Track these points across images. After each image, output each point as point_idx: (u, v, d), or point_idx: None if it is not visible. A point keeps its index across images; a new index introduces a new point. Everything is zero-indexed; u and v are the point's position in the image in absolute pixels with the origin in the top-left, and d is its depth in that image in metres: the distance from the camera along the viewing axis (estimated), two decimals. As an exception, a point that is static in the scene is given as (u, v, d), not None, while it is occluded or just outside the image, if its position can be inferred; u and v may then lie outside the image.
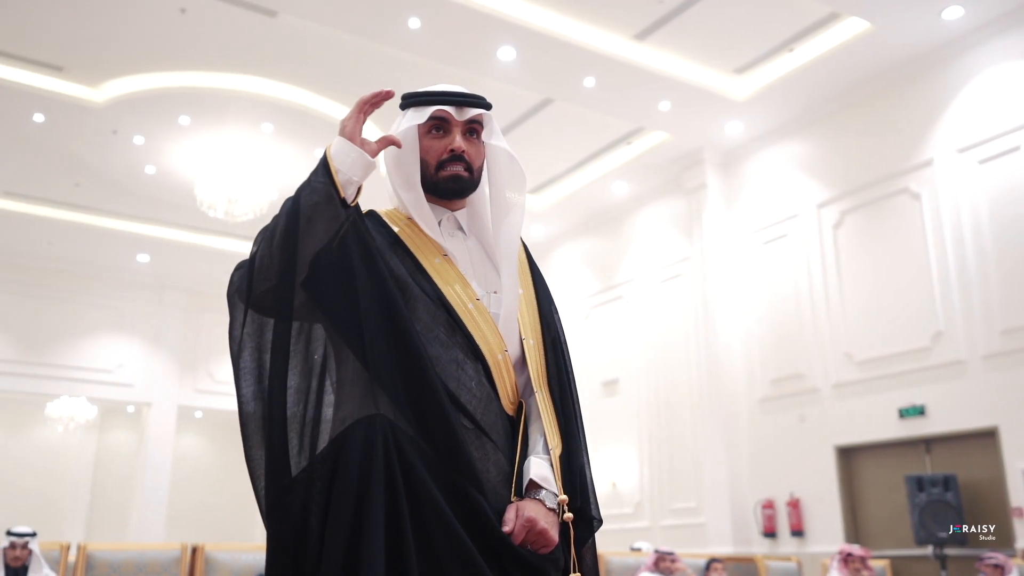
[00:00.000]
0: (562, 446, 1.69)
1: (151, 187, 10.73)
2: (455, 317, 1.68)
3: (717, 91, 8.87)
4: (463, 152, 1.76)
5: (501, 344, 1.71)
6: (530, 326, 1.79)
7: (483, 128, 1.80)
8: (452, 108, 1.77)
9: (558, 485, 1.64)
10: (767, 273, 9.40)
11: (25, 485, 14.74)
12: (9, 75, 8.56)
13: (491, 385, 1.69)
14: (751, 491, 9.19)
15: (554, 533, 1.60)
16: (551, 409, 1.73)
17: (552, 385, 1.76)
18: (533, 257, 1.95)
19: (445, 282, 1.71)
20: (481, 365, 1.68)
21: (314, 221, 1.55)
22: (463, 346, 1.67)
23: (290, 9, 7.50)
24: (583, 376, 11.54)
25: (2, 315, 12.70)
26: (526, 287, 1.85)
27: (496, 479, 1.63)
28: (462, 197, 1.81)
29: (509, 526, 1.57)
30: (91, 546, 5.10)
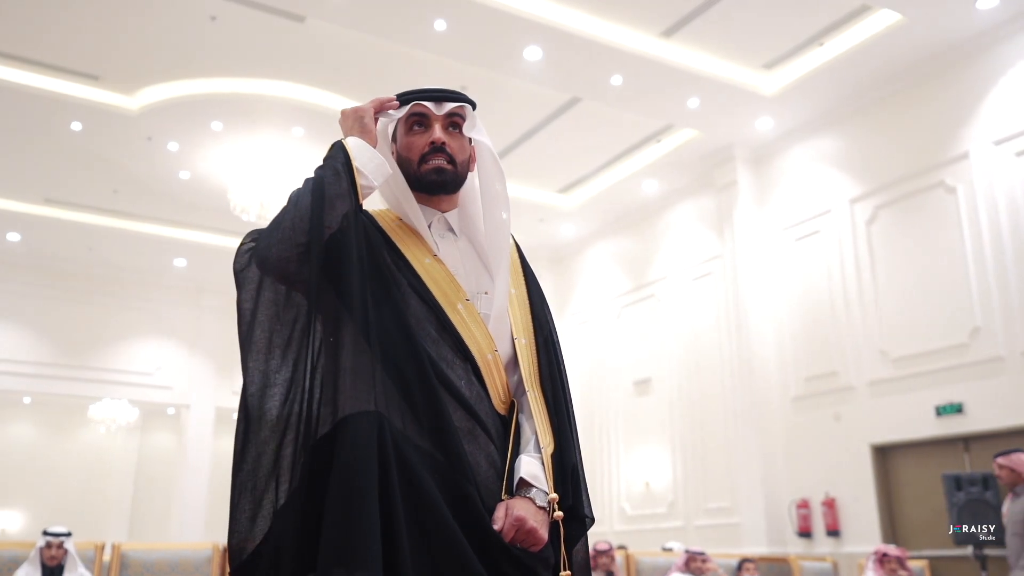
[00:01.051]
0: (554, 445, 1.69)
1: (186, 192, 10.89)
2: (443, 318, 1.68)
3: (746, 87, 8.79)
4: (443, 144, 1.77)
5: (491, 344, 1.71)
6: (522, 326, 1.80)
7: (464, 122, 1.81)
8: (431, 103, 1.79)
9: (549, 483, 1.64)
10: (800, 270, 9.29)
11: (69, 486, 15.06)
12: (47, 85, 8.74)
13: (481, 385, 1.69)
14: (786, 491, 9.09)
15: (543, 531, 1.59)
16: (543, 408, 1.73)
17: (544, 384, 1.76)
18: (526, 256, 1.96)
19: (434, 283, 1.71)
20: (470, 365, 1.68)
21: (335, 207, 1.58)
22: (452, 346, 1.67)
23: (318, 14, 7.57)
24: (616, 375, 11.51)
25: (46, 320, 12.99)
26: (518, 286, 1.86)
27: (488, 475, 1.63)
28: (446, 192, 1.81)
29: (498, 524, 1.57)
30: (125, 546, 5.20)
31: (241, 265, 1.59)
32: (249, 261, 1.59)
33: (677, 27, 8.06)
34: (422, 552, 1.46)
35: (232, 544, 1.49)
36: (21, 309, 12.88)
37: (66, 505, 14.61)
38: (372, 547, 1.38)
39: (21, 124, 9.31)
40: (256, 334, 1.57)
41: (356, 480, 1.43)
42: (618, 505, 11.24)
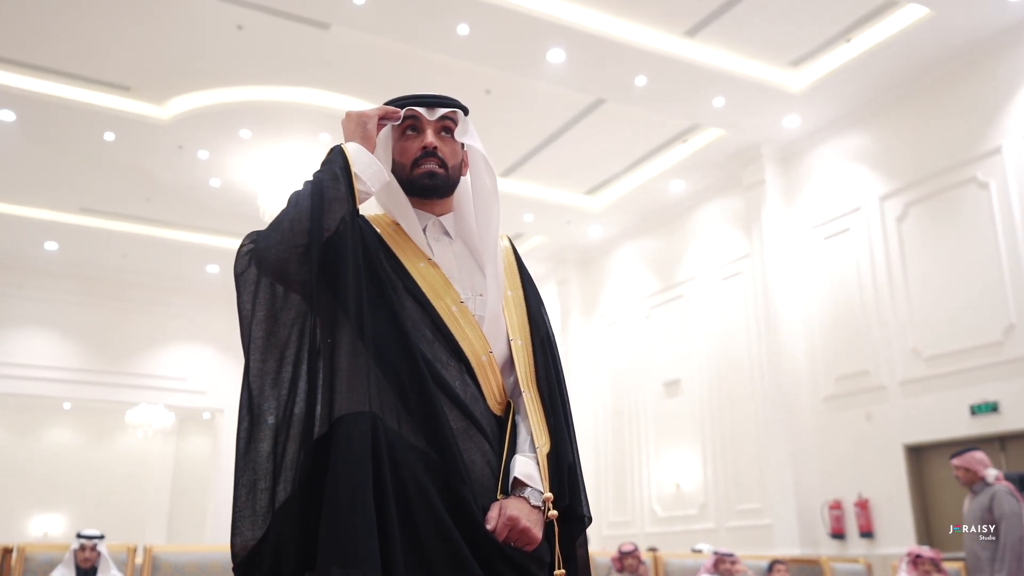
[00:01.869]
0: (550, 445, 1.70)
1: (217, 199, 11.05)
2: (438, 320, 1.70)
3: (772, 85, 8.72)
4: (435, 148, 1.79)
5: (485, 346, 1.73)
6: (518, 327, 1.81)
7: (456, 127, 1.83)
8: (423, 109, 1.81)
9: (544, 483, 1.65)
10: (829, 269, 9.19)
11: (109, 490, 15.34)
12: (81, 96, 8.92)
13: (476, 385, 1.70)
14: (817, 492, 8.99)
15: (537, 531, 1.60)
16: (539, 408, 1.74)
17: (540, 385, 1.77)
18: (521, 258, 1.97)
19: (429, 286, 1.73)
20: (465, 366, 1.70)
21: (333, 209, 1.61)
22: (446, 348, 1.69)
23: (342, 21, 7.65)
24: (645, 377, 11.47)
25: (83, 327, 13.24)
26: (514, 288, 1.87)
27: (484, 475, 1.65)
28: (439, 195, 1.83)
29: (492, 524, 1.58)
30: (156, 548, 5.28)
31: (241, 268, 1.62)
32: (248, 263, 1.61)
33: (701, 26, 8.03)
34: (416, 551, 1.48)
35: (234, 542, 1.52)
36: (60, 317, 13.15)
37: (106, 508, 14.88)
38: (369, 546, 1.40)
39: (57, 135, 9.51)
40: (255, 335, 1.59)
41: (351, 480, 1.45)
42: (649, 507, 11.19)
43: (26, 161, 10.18)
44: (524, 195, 11.11)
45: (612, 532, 11.48)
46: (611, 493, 11.90)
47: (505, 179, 10.90)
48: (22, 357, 12.84)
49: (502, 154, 10.34)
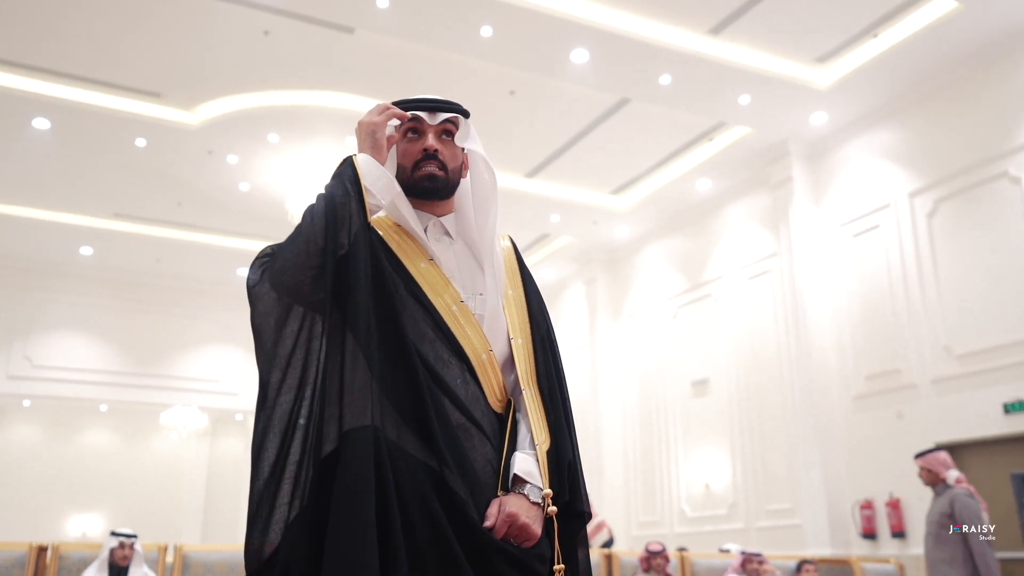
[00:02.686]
0: (550, 441, 1.72)
1: (246, 203, 11.19)
2: (439, 320, 1.73)
3: (799, 82, 8.65)
4: (436, 151, 1.83)
5: (485, 344, 1.76)
6: (519, 325, 1.84)
7: (457, 131, 1.87)
8: (425, 113, 1.85)
9: (544, 479, 1.67)
10: (858, 266, 9.10)
11: (145, 490, 15.56)
12: (113, 104, 9.08)
13: (477, 384, 1.73)
14: (848, 491, 8.91)
15: (536, 527, 1.62)
16: (539, 406, 1.76)
17: (541, 382, 1.79)
18: (522, 257, 2.00)
19: (429, 286, 1.76)
20: (466, 365, 1.73)
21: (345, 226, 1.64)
22: (447, 347, 1.72)
23: (366, 25, 7.71)
24: (673, 376, 11.43)
25: (118, 330, 13.47)
26: (515, 287, 1.90)
27: (485, 473, 1.67)
28: (440, 197, 1.86)
29: (490, 521, 1.60)
30: (186, 547, 5.37)
31: (253, 282, 1.66)
32: (261, 277, 1.65)
33: (725, 24, 7.99)
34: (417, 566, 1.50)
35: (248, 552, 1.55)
36: (95, 320, 13.39)
37: (142, 508, 15.10)
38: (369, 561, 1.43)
39: (90, 142, 9.69)
40: (268, 349, 1.63)
41: (354, 496, 1.49)
42: (678, 507, 11.15)
43: (61, 168, 10.39)
44: (550, 195, 11.12)
45: (641, 532, 11.45)
46: (640, 493, 11.87)
47: (531, 180, 10.93)
48: (60, 360, 13.10)
49: (527, 155, 10.36)
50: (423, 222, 1.86)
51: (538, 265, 13.56)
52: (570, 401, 1.86)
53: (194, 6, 7.62)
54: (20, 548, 5.30)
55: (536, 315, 1.88)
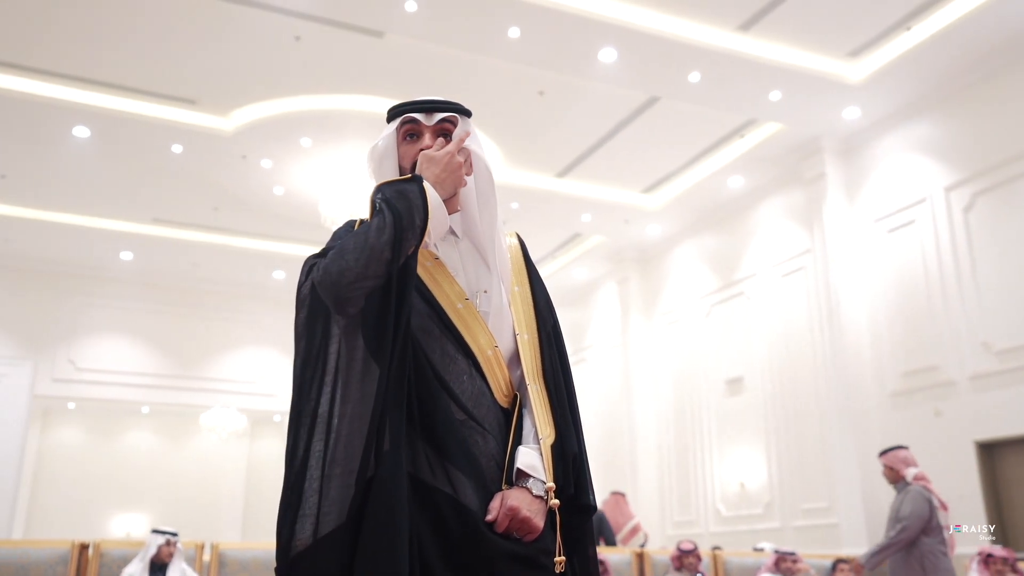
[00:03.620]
0: (555, 435, 1.74)
1: (281, 207, 11.34)
2: (445, 318, 1.76)
3: (830, 76, 8.57)
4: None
5: (491, 341, 1.79)
6: (524, 322, 1.87)
7: (455, 129, 1.87)
8: (421, 114, 1.87)
9: (548, 473, 1.69)
10: (894, 262, 8.99)
11: (186, 490, 15.82)
12: (150, 111, 9.27)
13: (483, 380, 1.76)
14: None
15: (538, 520, 1.65)
16: (545, 400, 1.79)
17: (547, 378, 1.82)
18: (529, 253, 2.02)
19: (436, 284, 1.79)
20: (471, 361, 1.76)
21: (403, 256, 1.64)
22: (454, 344, 1.76)
23: (395, 29, 7.79)
24: (707, 375, 11.37)
25: (159, 333, 13.73)
26: (521, 284, 1.93)
27: (488, 470, 1.70)
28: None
29: (492, 514, 1.63)
30: (223, 545, 5.48)
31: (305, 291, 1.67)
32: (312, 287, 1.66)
33: (755, 20, 7.94)
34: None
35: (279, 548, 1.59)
36: (136, 324, 13.65)
37: (183, 508, 15.35)
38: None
39: (129, 149, 9.89)
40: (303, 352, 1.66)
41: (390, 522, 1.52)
42: (713, 506, 11.09)
43: (101, 175, 10.61)
44: (581, 195, 11.13)
45: (677, 532, 11.41)
46: (675, 493, 11.82)
47: (561, 179, 10.94)
48: (103, 363, 13.37)
49: (558, 155, 10.38)
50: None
51: (570, 265, 13.56)
52: (576, 396, 1.88)
53: (228, 14, 7.75)
54: (63, 546, 5.44)
55: (542, 311, 1.91)
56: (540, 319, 1.89)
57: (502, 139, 10.00)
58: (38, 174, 10.59)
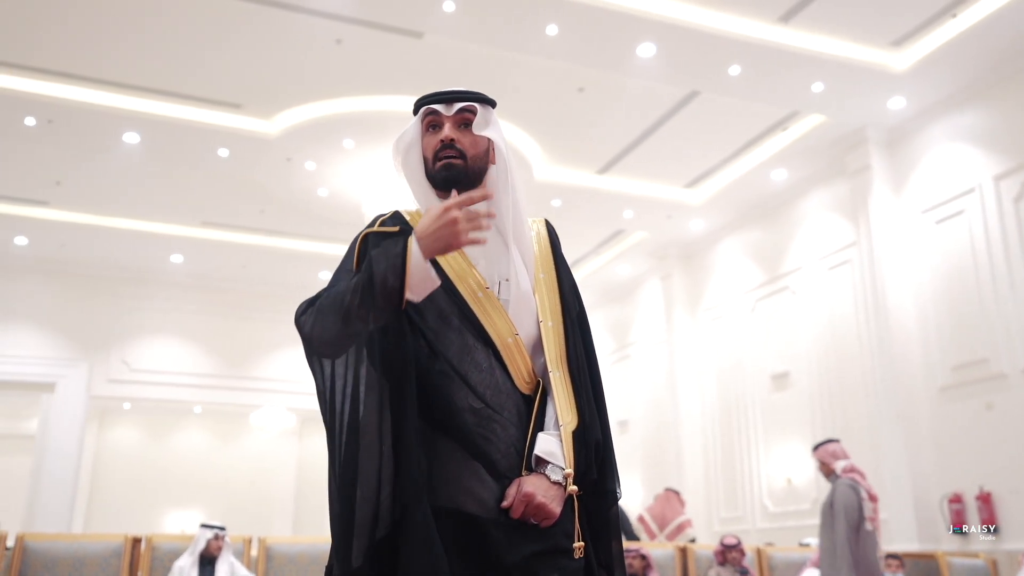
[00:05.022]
0: (577, 422, 1.74)
1: (325, 208, 11.50)
2: (465, 308, 1.79)
3: (874, 66, 8.45)
4: (451, 140, 1.86)
5: (511, 329, 1.80)
6: (549, 308, 1.87)
7: (474, 118, 1.89)
8: (441, 105, 1.90)
9: (567, 459, 1.70)
10: (942, 254, 8.82)
11: (238, 488, 16.16)
12: (196, 116, 9.47)
13: (503, 368, 1.78)
14: (936, 485, 8.65)
15: (554, 506, 1.66)
16: (568, 387, 1.79)
17: (571, 364, 1.82)
18: (558, 240, 2.02)
19: (456, 274, 1.82)
20: (491, 349, 1.78)
21: (382, 319, 1.71)
22: (473, 333, 1.78)
23: (434, 29, 7.87)
24: (752, 370, 11.28)
25: (209, 334, 14.02)
26: (547, 271, 1.93)
27: (508, 457, 1.72)
28: (462, 186, 1.85)
29: (508, 500, 1.66)
30: (270, 539, 5.60)
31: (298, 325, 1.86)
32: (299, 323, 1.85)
33: (795, 11, 7.86)
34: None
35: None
36: (188, 325, 13.95)
37: (235, 505, 15.67)
38: None
39: (177, 154, 10.13)
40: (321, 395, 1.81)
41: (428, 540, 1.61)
42: (760, 502, 10.99)
43: (151, 180, 10.87)
44: (623, 191, 11.10)
45: (723, 528, 11.33)
46: (721, 489, 11.74)
47: (602, 176, 10.93)
48: (156, 364, 13.69)
49: (598, 151, 10.38)
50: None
51: (613, 262, 13.54)
52: (602, 383, 1.89)
53: (270, 19, 7.90)
54: (116, 539, 5.62)
55: (567, 298, 1.90)
56: (565, 306, 1.89)
57: (542, 137, 10.03)
58: (91, 180, 10.89)
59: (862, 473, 5.98)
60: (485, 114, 1.91)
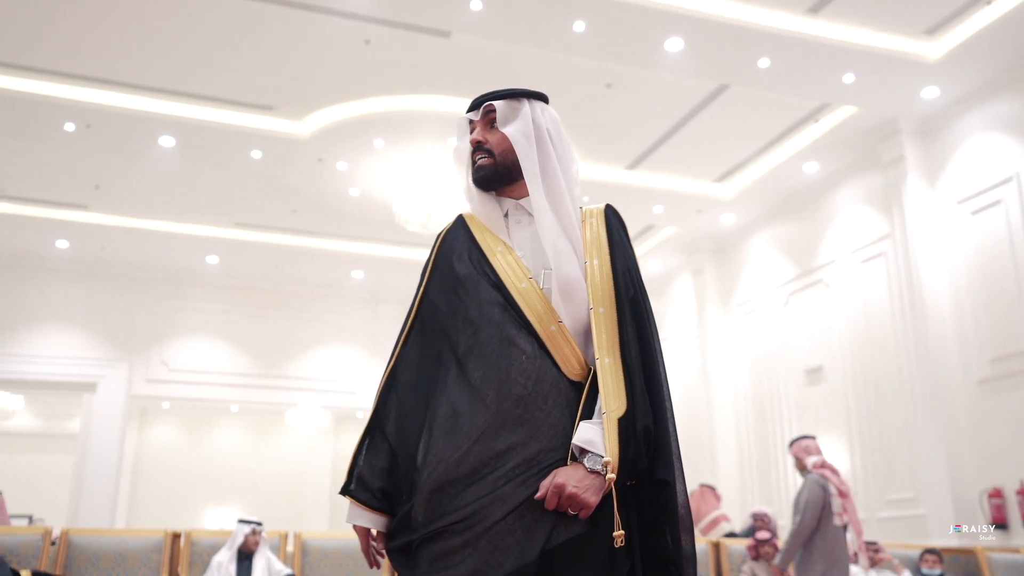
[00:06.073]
0: (625, 408, 1.72)
1: (357, 207, 11.60)
2: (508, 298, 1.83)
3: (907, 56, 8.34)
4: (479, 143, 1.98)
5: (553, 317, 1.82)
6: (601, 295, 1.86)
7: (496, 115, 1.99)
8: (471, 112, 2.02)
9: (611, 447, 1.67)
10: (979, 244, 8.69)
11: (274, 486, 16.35)
12: (229, 119, 9.61)
13: (548, 357, 1.80)
14: (975, 480, 8.53)
15: (589, 496, 1.64)
16: (617, 373, 1.77)
17: (624, 349, 1.80)
18: (617, 224, 2.02)
19: (502, 268, 1.88)
20: (534, 339, 1.80)
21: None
22: (516, 323, 1.81)
23: (461, 28, 7.91)
24: (786, 365, 11.19)
25: (244, 334, 14.20)
26: (601, 257, 1.92)
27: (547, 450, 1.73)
28: (501, 182, 1.99)
29: (541, 492, 1.65)
30: (305, 534, 5.68)
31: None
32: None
33: (825, 1, 7.78)
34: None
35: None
36: (223, 325, 14.15)
37: (272, 502, 15.86)
38: None
39: (211, 156, 10.28)
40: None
41: None
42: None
43: (186, 182, 11.05)
44: (652, 187, 11.07)
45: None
46: (756, 484, 11.67)
47: (632, 171, 10.91)
48: (193, 364, 13.90)
49: (627, 147, 10.36)
50: (505, 207, 2.00)
51: (644, 257, 13.49)
52: (661, 368, 1.86)
53: (299, 22, 7.99)
54: (157, 535, 5.74)
55: (620, 282, 1.89)
56: (618, 290, 1.87)
57: (571, 133, 9.86)
58: (128, 184, 11.10)
59: (833, 470, 6.12)
60: (506, 109, 1.99)
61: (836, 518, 5.78)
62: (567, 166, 2.04)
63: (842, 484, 5.93)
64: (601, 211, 2.04)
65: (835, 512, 5.80)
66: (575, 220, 1.96)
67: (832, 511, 5.80)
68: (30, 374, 13.10)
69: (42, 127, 9.49)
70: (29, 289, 13.17)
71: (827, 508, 5.80)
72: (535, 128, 1.98)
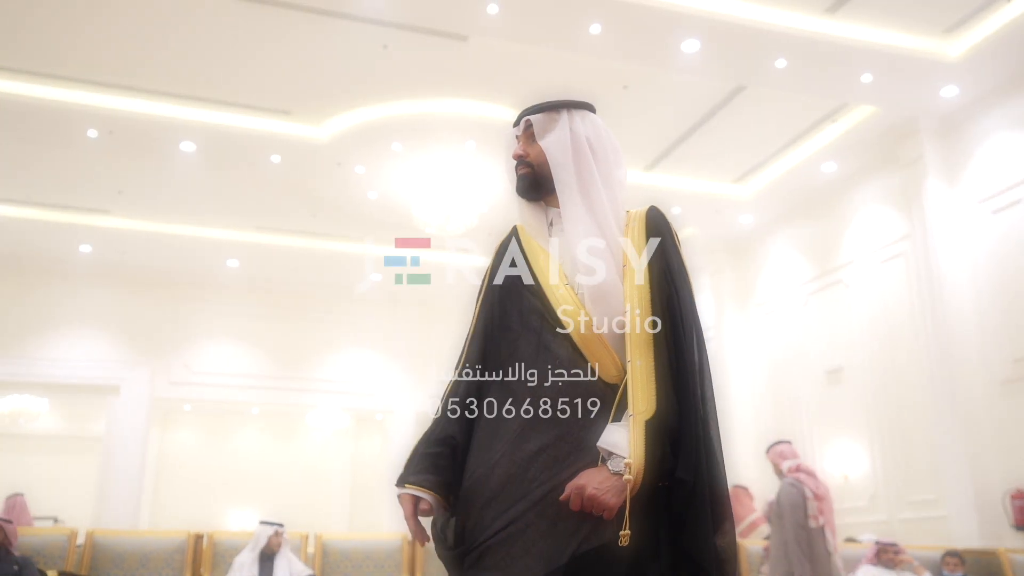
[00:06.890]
0: (654, 410, 1.74)
1: (375, 210, 11.66)
2: (546, 304, 1.91)
3: (925, 55, 8.30)
4: (520, 156, 2.09)
5: (588, 321, 1.87)
6: (637, 297, 1.88)
7: (535, 130, 2.09)
8: (515, 128, 2.13)
9: (637, 449, 1.69)
10: (1000, 244, 8.63)
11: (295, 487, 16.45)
12: (249, 124, 9.71)
13: (583, 359, 1.84)
14: (998, 481, 8.46)
15: (610, 497, 1.67)
16: (649, 374, 1.79)
17: (658, 350, 1.82)
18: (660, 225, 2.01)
19: (542, 274, 1.96)
20: (570, 343, 1.86)
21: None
22: (552, 328, 1.88)
23: (478, 31, 7.96)
24: (806, 366, 11.15)
25: (265, 337, 14.31)
26: (638, 260, 1.95)
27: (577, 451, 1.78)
28: (541, 192, 2.08)
29: (565, 494, 1.70)
30: (326, 535, 5.74)
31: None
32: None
33: (842, 1, 7.77)
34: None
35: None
36: (244, 328, 14.26)
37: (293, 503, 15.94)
38: None
39: (231, 161, 10.39)
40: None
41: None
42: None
43: (207, 187, 11.16)
44: (670, 187, 11.06)
45: (778, 525, 11.22)
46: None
47: (649, 172, 10.91)
48: (215, 367, 14.03)
49: (645, 148, 10.36)
50: (550, 216, 2.08)
51: (662, 258, 13.46)
52: (701, 367, 1.86)
53: (317, 27, 8.07)
54: (180, 536, 5.82)
55: (658, 283, 1.91)
56: (656, 291, 1.89)
57: (588, 135, 10.02)
58: (150, 189, 11.22)
59: (809, 472, 6.19)
60: (543, 122, 2.08)
61: (811, 520, 5.85)
62: (609, 172, 2.06)
63: (818, 487, 6.01)
64: (643, 214, 2.05)
65: (810, 515, 5.87)
66: (616, 225, 1.99)
67: (808, 513, 5.85)
68: (55, 377, 13.27)
69: (65, 134, 9.63)
70: (53, 293, 13.34)
71: (803, 510, 5.86)
72: (572, 137, 2.04)
